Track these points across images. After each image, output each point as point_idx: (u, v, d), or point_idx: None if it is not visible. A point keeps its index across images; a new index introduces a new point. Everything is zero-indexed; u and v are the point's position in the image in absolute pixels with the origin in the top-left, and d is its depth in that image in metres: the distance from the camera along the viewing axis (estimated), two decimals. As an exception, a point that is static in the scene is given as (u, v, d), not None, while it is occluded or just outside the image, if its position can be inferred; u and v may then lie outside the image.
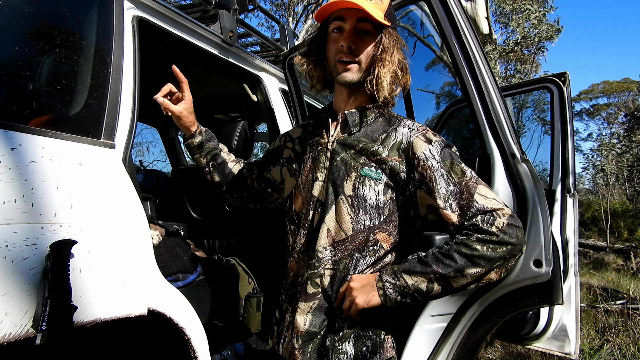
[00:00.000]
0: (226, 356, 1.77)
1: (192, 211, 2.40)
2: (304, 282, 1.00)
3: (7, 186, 0.80)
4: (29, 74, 1.03)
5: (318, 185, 1.03)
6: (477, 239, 0.89)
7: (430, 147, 0.96)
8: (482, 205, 0.91)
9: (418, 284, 0.90)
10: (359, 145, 1.01)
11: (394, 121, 1.04)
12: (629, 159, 13.39)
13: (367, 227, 0.97)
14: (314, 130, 1.15)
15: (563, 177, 2.27)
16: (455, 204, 0.92)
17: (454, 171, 0.95)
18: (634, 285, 5.28)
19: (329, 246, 0.98)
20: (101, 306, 0.91)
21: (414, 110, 1.79)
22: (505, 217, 0.90)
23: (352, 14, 0.97)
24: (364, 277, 0.96)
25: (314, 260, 0.99)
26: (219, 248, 2.35)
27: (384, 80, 0.97)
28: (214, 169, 1.30)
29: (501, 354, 3.08)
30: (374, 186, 0.97)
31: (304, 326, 0.98)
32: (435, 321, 1.23)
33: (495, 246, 0.88)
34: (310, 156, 1.09)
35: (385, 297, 0.92)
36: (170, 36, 1.51)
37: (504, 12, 10.02)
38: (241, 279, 1.96)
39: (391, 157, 0.98)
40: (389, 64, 0.97)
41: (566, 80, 2.33)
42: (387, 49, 0.98)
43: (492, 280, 0.93)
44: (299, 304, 1.00)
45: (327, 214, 0.99)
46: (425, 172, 0.94)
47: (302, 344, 0.98)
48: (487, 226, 0.89)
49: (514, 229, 0.90)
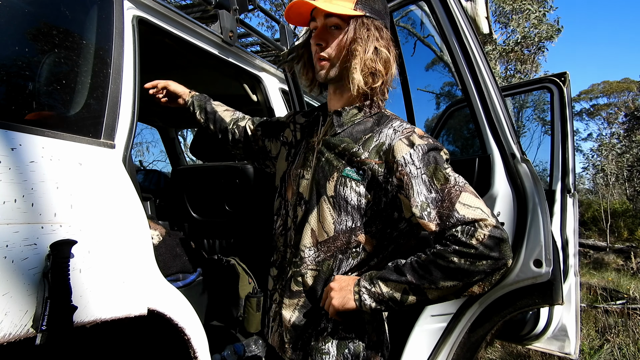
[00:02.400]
0: (226, 356, 1.76)
1: (192, 211, 2.40)
2: (289, 279, 1.01)
3: (7, 186, 0.80)
4: (29, 74, 1.03)
5: (304, 183, 1.02)
6: (454, 251, 0.82)
7: (411, 151, 0.90)
8: (463, 215, 0.83)
9: (393, 292, 0.86)
10: (341, 145, 0.98)
11: (384, 121, 1.00)
12: (629, 159, 13.39)
13: (349, 228, 0.95)
14: (310, 125, 1.14)
15: (563, 177, 2.27)
16: (435, 212, 0.85)
17: (437, 177, 0.88)
18: (634, 285, 5.28)
19: (313, 246, 0.97)
20: (101, 306, 0.91)
21: (414, 110, 1.79)
22: (487, 229, 0.81)
23: (319, 12, 0.96)
24: (345, 279, 0.93)
25: (297, 258, 0.99)
26: (219, 248, 2.35)
27: (353, 72, 0.92)
28: (207, 121, 1.38)
29: (501, 354, 3.08)
30: (355, 187, 0.94)
31: (290, 321, 0.99)
32: (435, 321, 1.24)
33: (473, 260, 0.81)
34: (303, 152, 1.09)
35: (360, 302, 0.88)
36: (170, 36, 1.51)
37: (504, 12, 10.02)
38: (241, 279, 1.96)
39: (370, 160, 0.93)
40: (360, 53, 0.92)
41: (566, 80, 2.34)
42: (357, 38, 0.92)
43: (474, 294, 0.86)
44: (284, 299, 1.01)
45: (310, 214, 0.98)
46: (402, 178, 0.88)
47: (290, 339, 0.99)
48: (465, 238, 0.81)
49: (497, 242, 0.81)
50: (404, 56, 1.66)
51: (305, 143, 1.11)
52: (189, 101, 1.40)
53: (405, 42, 7.84)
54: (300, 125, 1.19)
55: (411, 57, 7.83)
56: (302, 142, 1.13)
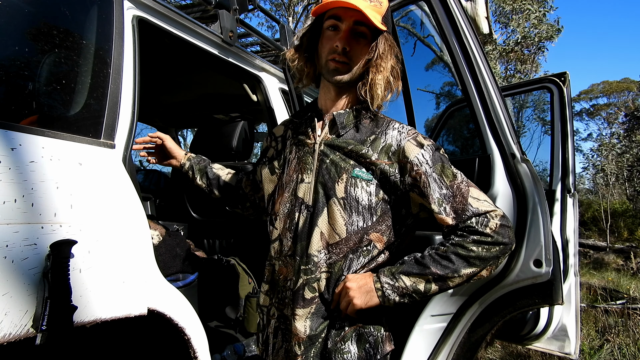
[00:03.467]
0: (226, 356, 1.76)
1: (192, 211, 2.40)
2: (300, 288, 0.99)
3: (7, 186, 0.80)
4: (29, 74, 1.03)
5: (304, 187, 1.01)
6: (473, 241, 0.92)
7: (422, 151, 0.96)
8: (477, 208, 0.94)
9: (416, 284, 0.92)
10: (348, 147, 0.99)
11: (382, 123, 1.03)
12: (629, 159, 13.38)
13: (361, 228, 0.97)
14: (297, 128, 1.12)
15: (563, 177, 2.27)
16: (449, 207, 0.94)
17: (446, 175, 0.96)
18: (634, 285, 5.29)
19: (323, 249, 0.98)
20: (101, 306, 0.91)
21: (414, 110, 1.79)
22: (497, 218, 0.93)
23: (349, 15, 0.95)
24: (360, 277, 0.96)
25: (310, 265, 0.98)
26: (219, 248, 2.35)
27: (378, 88, 0.96)
28: (211, 186, 1.34)
29: (501, 354, 3.08)
30: (365, 187, 0.97)
31: (305, 332, 0.97)
32: (435, 321, 1.23)
33: (489, 247, 0.92)
34: (296, 156, 1.06)
35: (384, 298, 0.93)
36: (170, 36, 1.51)
37: (504, 12, 10.02)
38: (241, 279, 1.96)
39: (380, 160, 0.97)
40: (383, 70, 0.97)
41: (566, 80, 2.33)
42: (382, 55, 0.97)
43: (482, 277, 0.96)
44: (296, 311, 0.98)
45: (319, 217, 0.98)
46: (419, 177, 0.95)
47: (305, 350, 0.97)
48: (481, 228, 0.92)
49: (506, 229, 0.94)
50: (404, 56, 1.66)
51: (294, 147, 1.08)
52: (186, 164, 1.36)
53: (405, 42, 7.83)
54: (280, 137, 1.17)
55: (411, 57, 7.82)
56: (286, 149, 1.11)
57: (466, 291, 1.21)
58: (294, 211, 1.02)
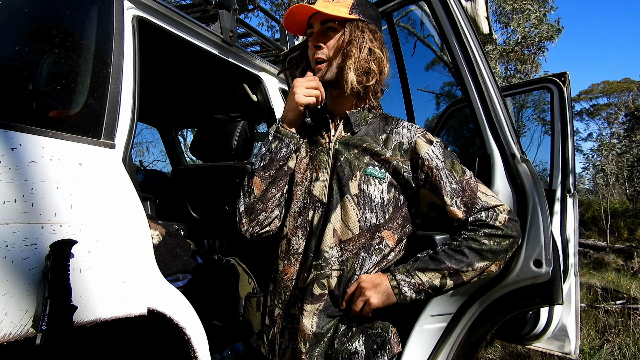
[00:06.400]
0: (226, 356, 1.76)
1: (192, 211, 2.40)
2: (309, 283, 0.99)
3: (7, 186, 0.80)
4: (29, 73, 1.03)
5: (319, 185, 1.03)
6: (485, 234, 0.95)
7: (432, 147, 1.00)
8: (486, 202, 0.97)
9: (432, 280, 0.94)
10: (363, 144, 1.03)
11: (391, 121, 1.07)
12: (629, 159, 13.38)
13: (373, 225, 0.99)
14: (311, 129, 1.15)
15: (563, 177, 2.27)
16: (460, 201, 0.98)
17: (455, 170, 0.99)
18: (634, 285, 5.28)
19: (336, 246, 0.98)
20: (101, 306, 0.91)
21: (414, 110, 1.79)
22: (505, 212, 0.97)
23: (316, 18, 1.02)
24: (375, 276, 0.97)
25: (320, 260, 0.98)
26: (219, 248, 2.35)
27: (347, 71, 0.98)
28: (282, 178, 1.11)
29: (501, 354, 3.08)
30: (378, 185, 1.00)
31: (312, 329, 0.97)
32: (435, 321, 1.23)
33: (500, 239, 0.95)
34: (309, 155, 1.09)
35: (401, 296, 0.95)
36: (170, 36, 1.51)
37: (504, 12, 10.01)
38: (241, 279, 1.96)
39: (394, 157, 1.01)
40: (354, 54, 0.98)
41: (566, 80, 2.33)
42: (352, 40, 0.99)
43: (492, 272, 0.98)
44: (304, 307, 0.98)
45: (332, 213, 1.00)
46: (431, 172, 0.98)
47: (310, 348, 0.97)
48: (492, 221, 0.95)
49: (514, 223, 0.98)
50: (404, 56, 1.66)
51: (307, 147, 1.11)
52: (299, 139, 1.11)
53: (405, 42, 7.82)
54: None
55: (411, 57, 7.81)
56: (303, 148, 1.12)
57: (466, 291, 1.21)
58: (307, 209, 1.03)
